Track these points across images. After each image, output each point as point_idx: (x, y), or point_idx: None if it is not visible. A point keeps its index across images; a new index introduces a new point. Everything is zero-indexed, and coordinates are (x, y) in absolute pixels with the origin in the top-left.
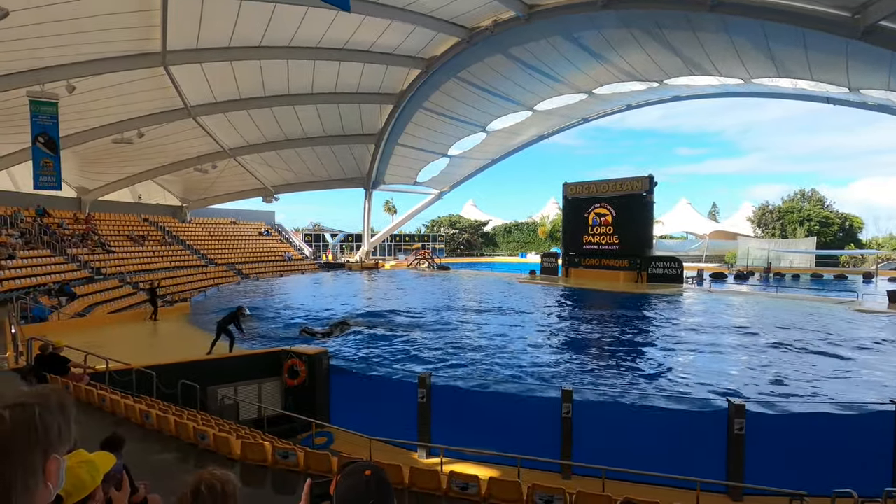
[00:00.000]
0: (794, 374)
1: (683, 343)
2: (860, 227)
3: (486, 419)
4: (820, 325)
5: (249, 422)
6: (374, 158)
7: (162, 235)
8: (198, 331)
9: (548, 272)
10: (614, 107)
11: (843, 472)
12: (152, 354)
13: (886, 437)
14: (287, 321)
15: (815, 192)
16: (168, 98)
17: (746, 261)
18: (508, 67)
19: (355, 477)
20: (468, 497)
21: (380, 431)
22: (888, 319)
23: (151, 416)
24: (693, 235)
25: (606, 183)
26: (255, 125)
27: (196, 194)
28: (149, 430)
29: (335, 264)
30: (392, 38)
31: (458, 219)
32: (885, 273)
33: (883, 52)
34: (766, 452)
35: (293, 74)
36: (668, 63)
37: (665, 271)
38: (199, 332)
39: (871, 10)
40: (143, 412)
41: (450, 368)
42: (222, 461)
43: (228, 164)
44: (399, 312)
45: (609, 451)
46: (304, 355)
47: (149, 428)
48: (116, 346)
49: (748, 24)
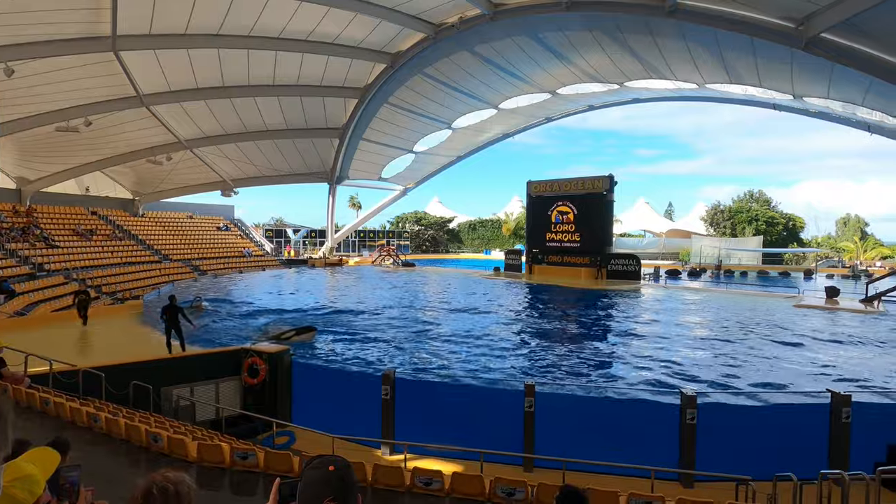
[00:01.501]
0: (740, 365)
1: (640, 337)
2: (802, 227)
3: (451, 415)
4: (765, 319)
5: (207, 423)
6: (338, 153)
7: (112, 230)
8: (151, 329)
9: (512, 269)
10: (577, 107)
11: (785, 458)
12: (101, 355)
13: (823, 423)
14: (247, 319)
15: (762, 193)
16: (119, 85)
17: (699, 258)
18: (474, 65)
19: (318, 471)
20: (432, 492)
21: (344, 430)
22: (825, 314)
23: (100, 418)
24: (650, 234)
25: (569, 182)
26: (213, 116)
27: (149, 187)
28: (97, 434)
29: (297, 260)
30: (357, 31)
31: (423, 215)
32: (824, 270)
33: (824, 62)
34: (715, 440)
35: (254, 65)
36: (628, 66)
37: (624, 268)
38: (152, 330)
39: (813, 21)
40: (90, 415)
41: (414, 365)
42: (177, 464)
43: (185, 156)
44: (363, 310)
45: (570, 444)
46: (265, 353)
47: (97, 431)
48: (61, 347)
49: (703, 31)
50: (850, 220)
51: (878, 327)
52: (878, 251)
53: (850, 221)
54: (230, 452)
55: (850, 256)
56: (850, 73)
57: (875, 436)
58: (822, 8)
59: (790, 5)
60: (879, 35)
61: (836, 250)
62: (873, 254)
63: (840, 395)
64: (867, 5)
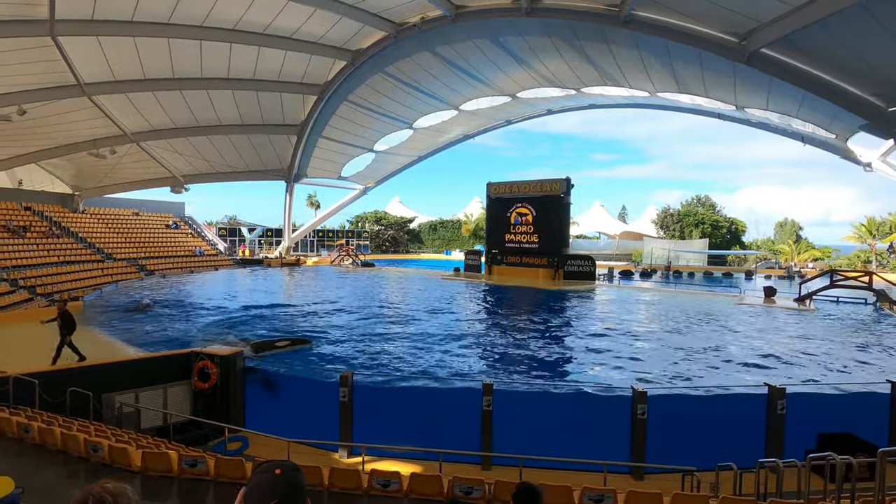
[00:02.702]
0: (687, 361)
1: (594, 335)
2: (743, 231)
3: (410, 416)
4: (710, 317)
5: (153, 430)
6: (296, 150)
7: (48, 226)
8: (92, 332)
9: (471, 269)
10: (536, 111)
11: (726, 448)
12: (33, 360)
13: (760, 415)
14: (198, 320)
15: (708, 197)
16: (57, 73)
17: (650, 259)
18: (436, 66)
19: (265, 475)
20: (390, 494)
21: (301, 434)
22: (763, 311)
23: (32, 428)
24: (605, 236)
25: (528, 184)
26: (162, 109)
27: (91, 181)
28: (28, 445)
29: (253, 260)
30: (316, 27)
31: (383, 215)
32: (763, 271)
33: (763, 76)
34: (663, 434)
35: (207, 57)
36: (585, 73)
37: (580, 269)
38: (93, 333)
39: (755, 37)
40: (21, 425)
41: (372, 366)
42: (120, 474)
43: (131, 149)
44: (320, 311)
45: (528, 441)
46: (217, 357)
47: (29, 442)
48: None
49: (655, 42)
50: (786, 224)
51: (810, 323)
52: (811, 254)
53: (787, 225)
54: (178, 460)
55: (785, 258)
56: (787, 88)
57: (806, 425)
58: (762, 24)
59: (735, 21)
60: (812, 52)
61: (774, 252)
62: (806, 256)
63: (776, 388)
64: (803, 23)
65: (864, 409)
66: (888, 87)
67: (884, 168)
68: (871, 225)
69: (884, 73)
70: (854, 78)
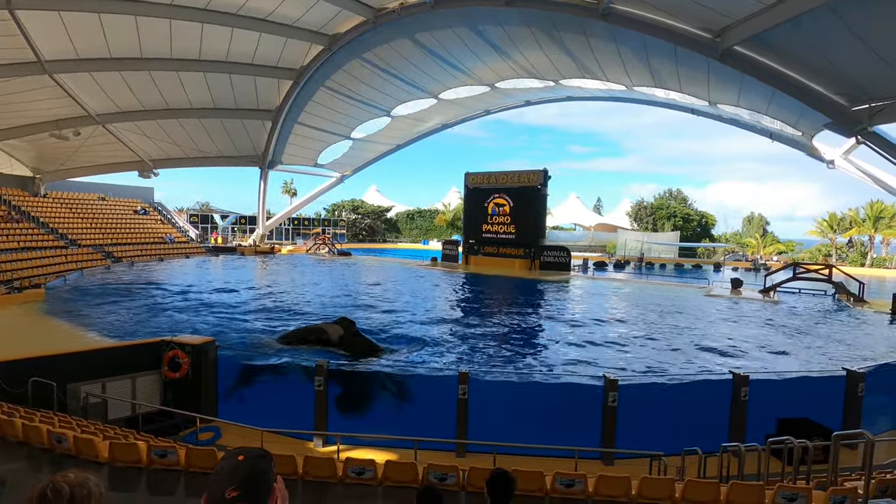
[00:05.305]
0: (657, 349)
1: (568, 324)
2: (713, 224)
3: (386, 404)
4: (680, 306)
5: (121, 421)
6: (270, 136)
7: (7, 211)
8: (54, 320)
9: (449, 259)
10: (515, 101)
11: (692, 434)
12: None
13: (725, 401)
14: (166, 310)
15: (680, 191)
16: (15, 48)
17: (624, 251)
18: (415, 54)
19: (227, 461)
20: (365, 482)
21: (276, 424)
22: (730, 302)
23: None
24: (580, 227)
25: (505, 175)
26: (129, 90)
27: (53, 164)
28: None
29: (225, 248)
30: (292, 9)
31: (360, 204)
32: (731, 264)
33: (735, 73)
34: (632, 420)
35: (177, 36)
36: (563, 65)
37: (556, 259)
38: (55, 321)
39: (728, 34)
40: None
41: (349, 355)
42: (86, 465)
43: (96, 131)
44: (296, 300)
45: (502, 428)
46: (188, 346)
47: None
48: None
49: (633, 36)
50: (753, 218)
51: (773, 313)
52: (776, 247)
53: (754, 219)
54: (147, 451)
55: (752, 251)
56: (757, 84)
57: (767, 410)
58: (736, 22)
59: (709, 17)
60: (783, 51)
61: (742, 245)
62: (771, 249)
63: (740, 376)
64: (775, 21)
65: (820, 395)
66: (852, 87)
67: (845, 165)
68: (832, 220)
69: (848, 74)
70: (821, 77)
